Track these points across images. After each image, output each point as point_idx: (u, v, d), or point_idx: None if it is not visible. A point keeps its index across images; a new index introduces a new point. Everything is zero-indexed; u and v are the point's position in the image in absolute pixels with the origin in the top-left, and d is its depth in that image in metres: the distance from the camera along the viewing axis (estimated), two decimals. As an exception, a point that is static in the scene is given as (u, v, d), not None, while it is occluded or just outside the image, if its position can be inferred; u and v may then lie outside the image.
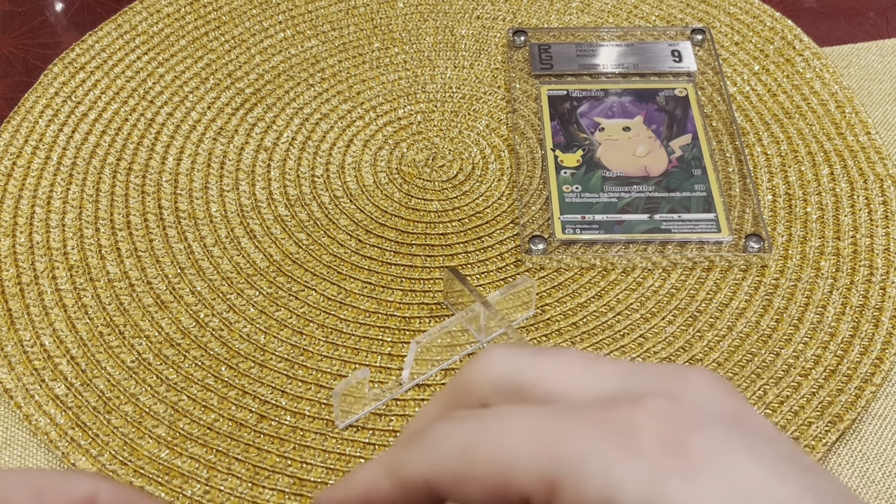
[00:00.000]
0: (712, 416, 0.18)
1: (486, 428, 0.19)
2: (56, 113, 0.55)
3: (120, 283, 0.47)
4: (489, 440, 0.18)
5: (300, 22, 0.61)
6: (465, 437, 0.19)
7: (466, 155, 0.54)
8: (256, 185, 0.52)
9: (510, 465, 0.18)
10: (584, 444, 0.18)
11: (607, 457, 0.17)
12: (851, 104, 0.55)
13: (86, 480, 0.22)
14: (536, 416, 0.18)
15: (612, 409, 0.18)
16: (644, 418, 0.18)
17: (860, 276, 0.47)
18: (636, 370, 0.20)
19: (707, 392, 0.19)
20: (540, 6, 0.62)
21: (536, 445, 0.18)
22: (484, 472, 0.18)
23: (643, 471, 0.17)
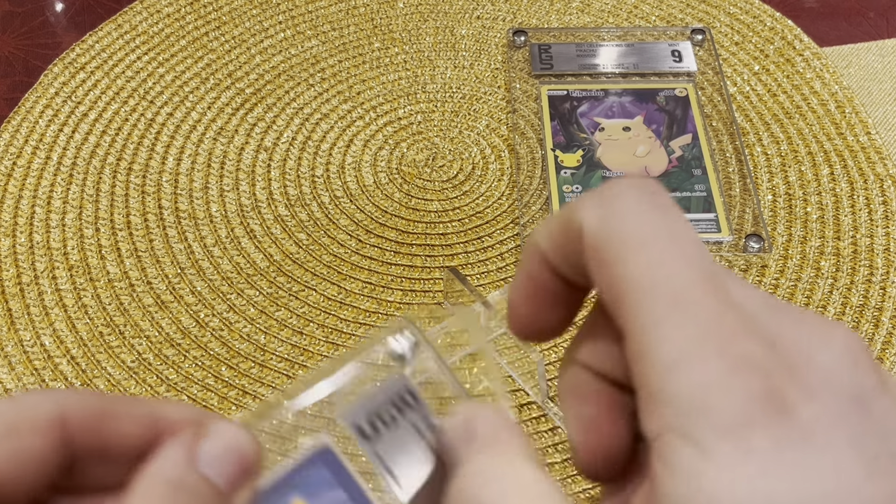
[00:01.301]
0: (834, 387, 0.17)
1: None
2: (56, 113, 0.55)
3: (120, 283, 0.47)
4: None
5: (300, 22, 0.61)
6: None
7: (466, 155, 0.54)
8: (256, 185, 0.52)
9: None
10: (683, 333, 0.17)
11: (707, 363, 0.16)
12: (851, 104, 0.55)
13: (49, 399, 0.20)
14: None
15: (736, 333, 0.17)
16: (761, 357, 0.17)
17: (860, 276, 0.47)
18: (779, 307, 0.18)
19: (841, 358, 0.17)
20: (540, 6, 0.62)
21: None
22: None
23: (732, 408, 0.16)
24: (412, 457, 0.23)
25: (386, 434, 0.23)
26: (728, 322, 0.17)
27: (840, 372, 0.17)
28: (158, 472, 0.19)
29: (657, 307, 0.17)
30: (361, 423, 0.23)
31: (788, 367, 0.17)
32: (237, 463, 0.20)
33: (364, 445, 0.23)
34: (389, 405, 0.24)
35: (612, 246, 0.18)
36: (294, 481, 0.23)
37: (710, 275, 0.18)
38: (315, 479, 0.23)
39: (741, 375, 0.16)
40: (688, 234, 0.18)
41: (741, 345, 0.17)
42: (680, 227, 0.18)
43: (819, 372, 0.17)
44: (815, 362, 0.17)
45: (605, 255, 0.19)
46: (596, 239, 0.19)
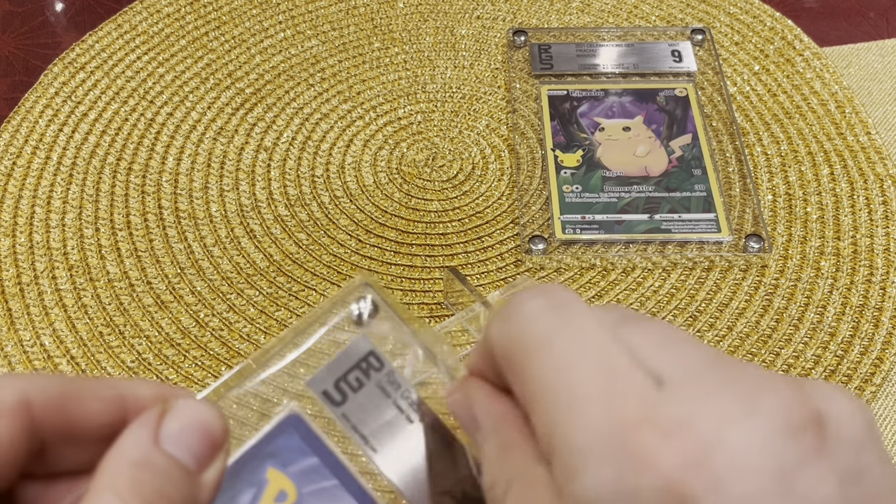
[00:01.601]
0: (747, 468, 0.15)
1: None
2: (56, 113, 0.55)
3: (120, 282, 0.47)
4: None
5: (300, 22, 0.61)
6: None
7: (466, 155, 0.54)
8: (256, 185, 0.52)
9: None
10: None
11: (602, 469, 0.16)
12: (851, 104, 0.55)
13: (9, 385, 0.20)
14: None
15: (635, 430, 0.16)
16: (660, 455, 0.16)
17: (860, 276, 0.47)
18: (705, 370, 0.17)
19: (763, 430, 0.15)
20: (540, 6, 0.62)
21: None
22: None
23: None
24: (381, 418, 0.23)
25: (353, 398, 0.23)
26: (627, 415, 0.16)
27: (759, 449, 0.15)
28: (123, 453, 0.18)
29: (558, 411, 0.17)
30: (329, 389, 0.23)
31: (695, 456, 0.15)
32: (203, 439, 0.19)
33: (333, 410, 0.23)
34: (355, 369, 0.24)
35: (515, 355, 0.19)
36: (267, 450, 0.23)
37: (611, 361, 0.17)
38: (287, 447, 0.23)
39: (638, 477, 0.15)
40: (583, 327, 0.18)
41: (639, 441, 0.16)
42: (578, 323, 0.18)
43: (730, 454, 0.15)
44: (726, 443, 0.15)
45: (510, 363, 0.19)
46: (502, 350, 0.19)
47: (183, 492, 0.18)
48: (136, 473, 0.18)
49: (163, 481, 0.18)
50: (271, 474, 0.23)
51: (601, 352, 0.17)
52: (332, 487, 0.23)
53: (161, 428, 0.19)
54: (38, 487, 0.21)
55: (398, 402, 0.24)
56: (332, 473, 0.23)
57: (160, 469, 0.18)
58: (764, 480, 0.15)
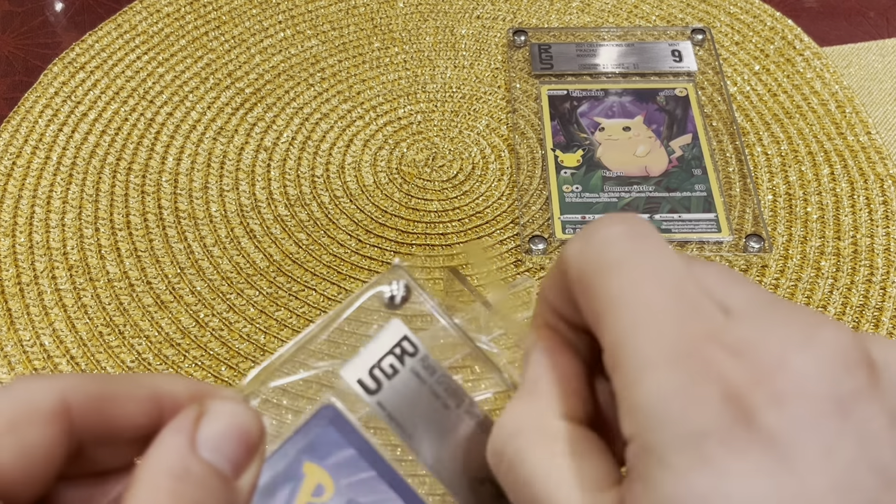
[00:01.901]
0: (808, 392, 0.16)
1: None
2: (56, 113, 0.55)
3: (120, 282, 0.47)
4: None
5: (300, 22, 0.61)
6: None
7: (466, 155, 0.54)
8: (256, 184, 0.52)
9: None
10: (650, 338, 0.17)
11: (668, 373, 0.16)
12: (852, 104, 0.55)
13: (49, 387, 0.19)
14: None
15: (700, 343, 0.16)
16: (725, 365, 0.16)
17: (860, 276, 0.47)
18: (767, 306, 0.17)
19: (823, 360, 0.16)
20: (540, 6, 0.62)
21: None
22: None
23: (689, 418, 0.16)
24: (417, 405, 0.23)
25: (388, 385, 0.23)
26: (694, 332, 0.17)
27: (818, 375, 0.16)
28: (160, 463, 0.18)
29: (627, 322, 0.18)
30: (363, 377, 0.23)
31: (758, 374, 0.16)
32: (240, 443, 0.19)
33: (368, 399, 0.23)
34: (389, 355, 0.23)
35: (590, 272, 0.19)
36: (302, 444, 0.22)
37: (682, 285, 0.18)
38: (323, 440, 0.23)
39: (701, 385, 0.16)
40: (659, 254, 0.19)
41: (705, 354, 0.16)
42: (653, 249, 0.19)
43: (792, 376, 0.16)
44: (789, 366, 0.16)
45: (584, 282, 0.19)
46: (577, 269, 0.20)
47: (221, 500, 0.18)
48: (176, 485, 0.17)
49: (202, 492, 0.17)
50: (307, 468, 0.22)
51: (675, 276, 0.18)
52: (369, 479, 0.22)
53: (198, 433, 0.18)
54: (72, 488, 0.20)
55: (434, 387, 0.23)
56: (369, 465, 0.23)
57: (199, 479, 0.18)
58: (822, 404, 0.16)
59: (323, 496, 0.22)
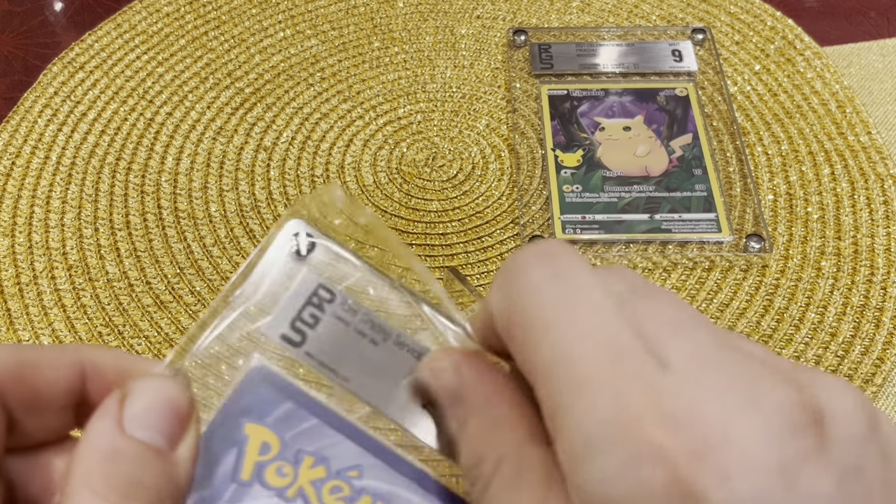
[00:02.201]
0: (752, 463, 0.15)
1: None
2: (55, 112, 0.55)
3: (119, 283, 0.47)
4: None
5: (300, 21, 0.61)
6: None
7: (466, 155, 0.54)
8: (256, 184, 0.52)
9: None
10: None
11: (608, 456, 0.15)
12: (852, 104, 0.55)
13: (70, 351, 0.20)
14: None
15: (641, 418, 0.16)
16: (668, 444, 0.15)
17: (861, 276, 0.47)
18: (714, 359, 0.17)
19: (767, 425, 0.16)
20: (540, 6, 0.62)
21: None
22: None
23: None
24: (345, 347, 0.23)
25: (312, 334, 0.23)
26: (633, 403, 0.16)
27: (763, 443, 0.15)
28: (90, 447, 0.18)
29: (563, 393, 0.17)
30: (286, 332, 0.23)
31: (700, 448, 0.15)
32: (169, 415, 0.19)
33: (295, 352, 0.23)
34: (308, 306, 0.23)
35: (517, 329, 0.18)
36: (239, 407, 0.23)
37: (617, 342, 0.17)
38: (259, 399, 0.23)
39: (643, 467, 0.15)
40: (588, 300, 0.17)
41: (645, 430, 0.15)
42: (579, 296, 0.17)
43: (736, 448, 0.15)
44: (732, 437, 0.15)
45: (513, 338, 0.18)
46: (502, 322, 0.19)
47: (159, 474, 0.18)
48: (108, 466, 0.17)
49: (136, 468, 0.18)
50: (249, 429, 0.22)
51: (606, 329, 0.17)
52: (313, 427, 0.23)
53: (123, 413, 0.18)
54: (11, 461, 0.21)
55: (359, 327, 0.23)
56: (310, 413, 0.23)
57: (131, 456, 0.18)
58: (768, 477, 0.15)
59: (270, 453, 0.22)
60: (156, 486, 0.18)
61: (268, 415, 0.22)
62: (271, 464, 0.22)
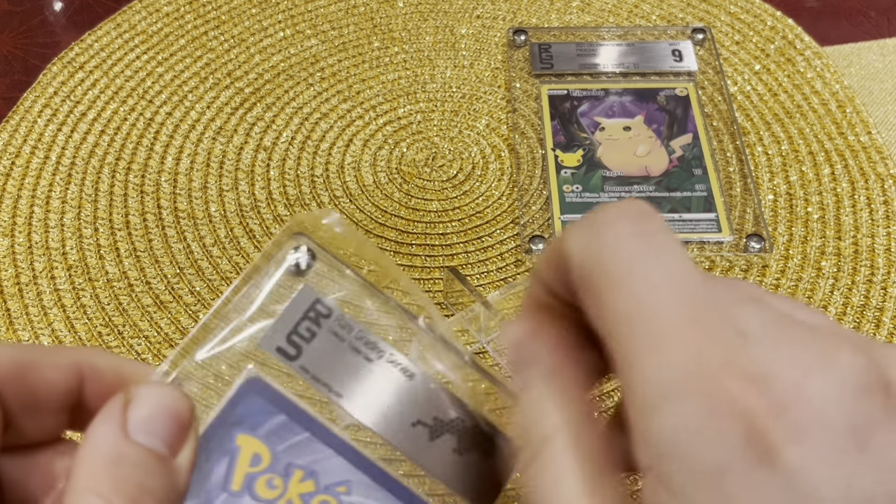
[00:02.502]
0: (827, 422, 0.15)
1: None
2: (55, 112, 0.55)
3: (119, 282, 0.47)
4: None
5: (300, 21, 0.61)
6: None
7: (466, 155, 0.54)
8: (256, 184, 0.52)
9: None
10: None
11: (685, 405, 0.15)
12: (852, 103, 0.55)
13: (69, 353, 0.21)
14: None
15: (719, 371, 0.16)
16: (745, 397, 0.16)
17: (861, 276, 0.47)
18: (783, 328, 0.17)
19: (840, 387, 0.16)
20: (540, 5, 0.62)
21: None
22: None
23: (709, 454, 0.15)
24: (339, 363, 0.23)
25: (307, 349, 0.23)
26: (712, 359, 0.16)
27: (836, 403, 0.16)
28: (95, 451, 0.18)
29: (639, 345, 0.17)
30: (282, 345, 0.23)
31: (777, 404, 0.15)
32: (171, 422, 0.19)
33: (290, 365, 0.23)
34: (304, 320, 0.23)
35: (596, 278, 0.18)
36: (232, 418, 0.23)
37: (697, 304, 0.17)
38: (252, 411, 0.23)
39: (720, 418, 0.15)
40: (674, 260, 0.17)
41: (723, 384, 0.16)
42: (666, 255, 0.18)
43: (811, 406, 0.15)
44: (807, 395, 0.15)
45: (590, 287, 0.18)
46: (581, 269, 0.18)
47: (162, 479, 0.18)
48: (113, 470, 0.17)
49: (141, 473, 0.18)
50: (241, 440, 0.22)
51: (689, 292, 0.17)
52: (304, 440, 0.23)
53: (128, 419, 0.18)
54: (7, 461, 0.21)
55: (353, 343, 0.23)
56: (301, 427, 0.23)
57: (135, 461, 0.18)
58: (840, 436, 0.15)
59: (261, 465, 0.22)
60: (159, 492, 0.18)
61: (260, 426, 0.23)
62: (262, 476, 0.22)
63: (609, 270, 0.18)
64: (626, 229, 0.18)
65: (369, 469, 0.23)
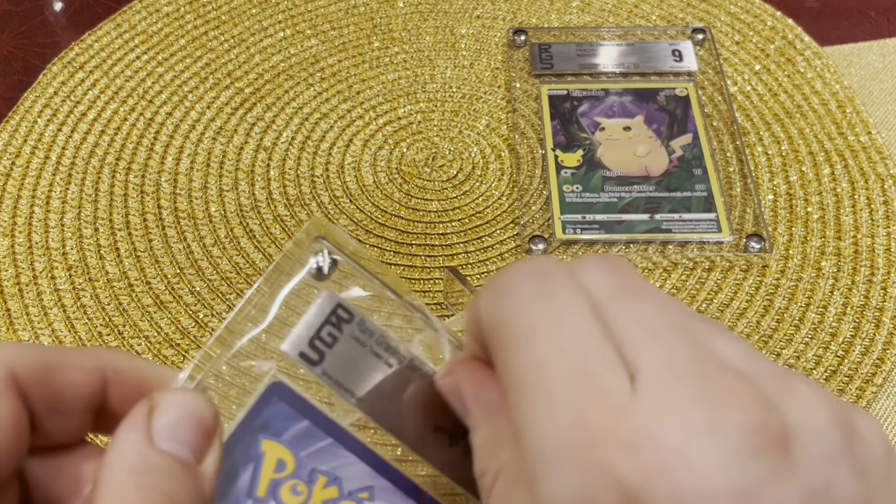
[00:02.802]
0: (711, 491, 0.15)
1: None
2: (55, 112, 0.55)
3: (119, 283, 0.47)
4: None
5: (300, 21, 0.61)
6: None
7: (466, 155, 0.54)
8: (256, 184, 0.52)
9: None
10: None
11: (565, 475, 0.16)
12: (852, 104, 0.55)
13: (93, 354, 0.20)
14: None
15: (598, 438, 0.16)
16: (621, 464, 0.15)
17: (861, 277, 0.47)
18: (684, 375, 0.17)
19: (728, 449, 0.15)
20: (540, 5, 0.62)
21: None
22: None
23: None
24: (361, 368, 0.23)
25: (330, 354, 0.23)
26: (592, 425, 0.16)
27: (721, 466, 0.15)
28: (121, 459, 0.18)
29: (529, 409, 0.17)
30: (304, 350, 0.23)
31: (658, 470, 0.15)
32: (196, 429, 0.19)
33: (312, 370, 0.23)
34: (326, 325, 0.23)
35: (498, 340, 0.19)
36: (256, 423, 0.23)
37: (588, 364, 0.17)
38: (276, 416, 0.23)
39: (597, 488, 0.15)
40: (570, 321, 0.18)
41: (601, 452, 0.16)
42: (563, 316, 0.18)
43: (693, 471, 0.15)
44: (690, 460, 0.15)
45: (494, 349, 0.19)
46: (487, 331, 0.19)
47: (188, 487, 0.18)
48: (139, 479, 0.17)
49: (166, 481, 0.18)
50: (266, 446, 0.22)
51: (580, 348, 0.17)
52: (328, 446, 0.23)
53: (153, 426, 0.18)
54: (34, 463, 0.21)
55: (374, 349, 0.23)
56: (325, 433, 0.23)
57: (161, 469, 0.18)
58: (725, 500, 0.15)
59: (285, 470, 0.22)
60: (185, 500, 0.18)
61: (284, 432, 0.23)
62: (286, 481, 0.22)
63: (509, 334, 0.18)
64: (528, 290, 0.18)
65: (391, 474, 0.23)
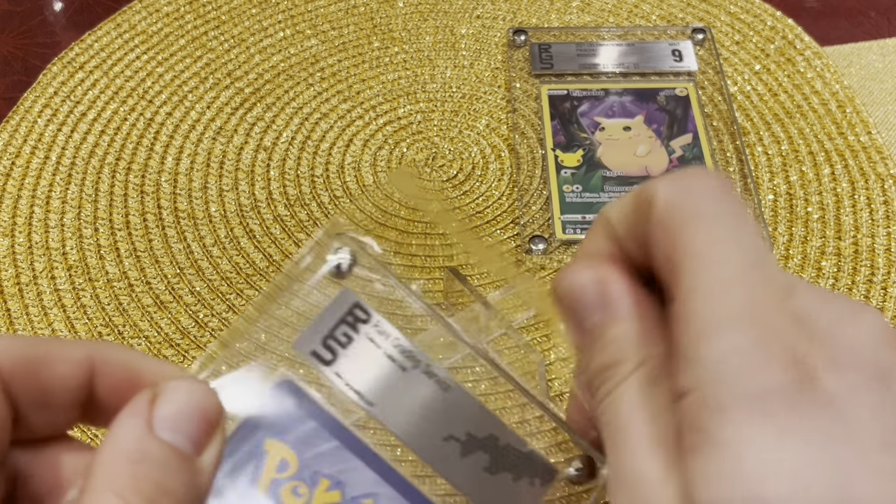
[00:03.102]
0: (858, 362, 0.18)
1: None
2: (55, 112, 0.55)
3: (119, 283, 0.47)
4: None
5: (300, 21, 0.61)
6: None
7: (466, 155, 0.54)
8: (256, 184, 0.52)
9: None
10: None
11: (739, 332, 0.18)
12: (852, 103, 0.55)
13: (82, 346, 0.20)
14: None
15: (770, 308, 0.18)
16: (790, 330, 0.18)
17: (861, 277, 0.47)
18: (814, 289, 0.20)
19: (867, 337, 0.18)
20: (540, 5, 0.62)
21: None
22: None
23: (755, 375, 0.17)
24: (374, 370, 0.23)
25: (343, 354, 0.23)
26: (766, 301, 0.18)
27: (865, 349, 0.18)
28: (116, 447, 0.17)
29: (706, 278, 0.19)
30: (317, 349, 0.23)
31: (818, 341, 0.18)
32: (199, 420, 0.18)
33: (324, 370, 0.22)
34: (341, 324, 0.23)
35: (679, 216, 0.20)
36: (262, 421, 0.22)
37: (758, 260, 0.19)
38: (283, 415, 0.22)
39: (769, 346, 0.17)
40: (747, 223, 0.20)
41: (773, 320, 0.18)
42: (742, 217, 0.20)
43: (845, 347, 0.18)
44: (842, 338, 0.18)
45: (670, 224, 0.20)
46: (665, 209, 0.20)
47: (184, 479, 0.18)
48: (134, 469, 0.17)
49: (162, 473, 0.17)
50: (269, 445, 0.22)
51: (755, 245, 0.19)
52: (333, 449, 0.22)
53: (154, 414, 0.18)
54: (16, 455, 0.20)
55: (389, 351, 0.23)
56: (331, 435, 0.22)
57: (158, 460, 0.17)
58: (871, 373, 0.18)
59: (287, 471, 0.22)
60: (179, 492, 0.17)
61: (289, 432, 0.22)
62: (288, 482, 0.22)
63: (691, 215, 0.20)
64: (714, 186, 0.20)
65: (397, 483, 0.22)
